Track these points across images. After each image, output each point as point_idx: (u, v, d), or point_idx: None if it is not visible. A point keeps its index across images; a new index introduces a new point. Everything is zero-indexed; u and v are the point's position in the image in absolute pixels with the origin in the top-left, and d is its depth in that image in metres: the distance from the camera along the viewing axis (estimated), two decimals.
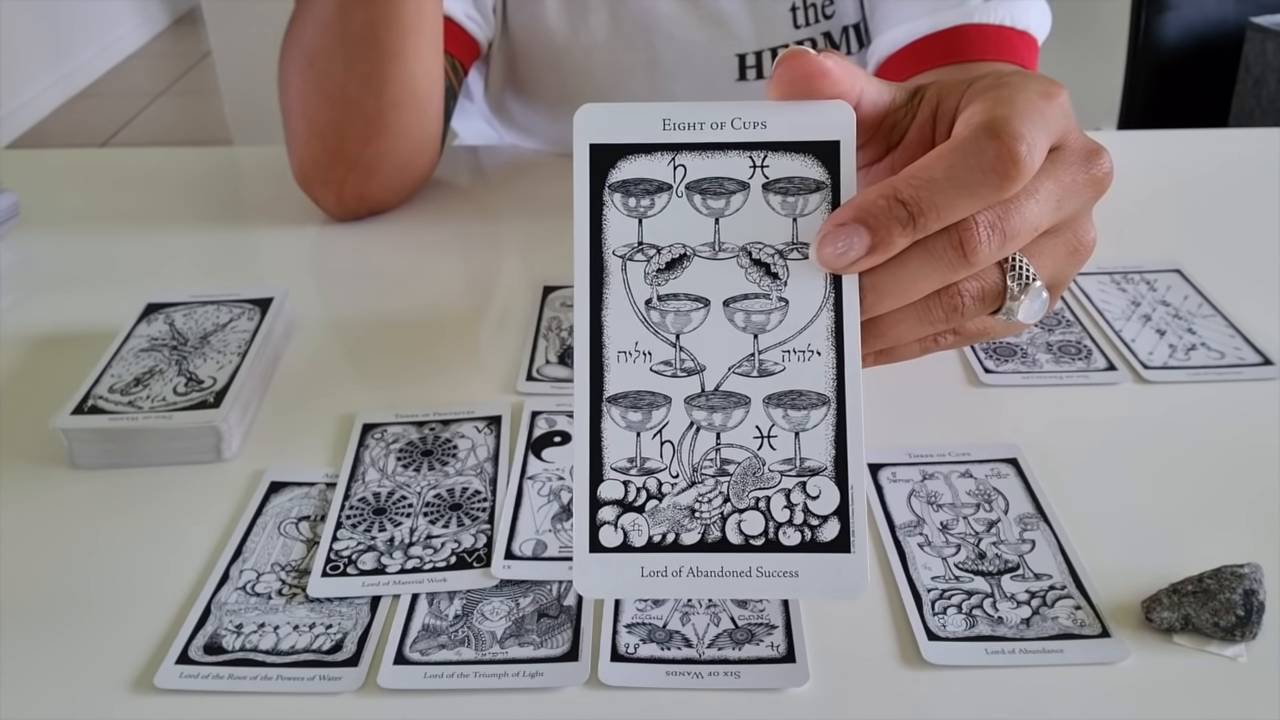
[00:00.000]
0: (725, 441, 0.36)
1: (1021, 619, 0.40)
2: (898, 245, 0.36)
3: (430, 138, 0.73)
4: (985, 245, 0.37)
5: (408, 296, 0.65)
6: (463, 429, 0.52)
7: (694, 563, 0.35)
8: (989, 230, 0.37)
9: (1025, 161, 0.36)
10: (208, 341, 0.56)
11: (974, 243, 0.36)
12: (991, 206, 0.37)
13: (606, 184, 0.37)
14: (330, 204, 0.73)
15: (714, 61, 0.80)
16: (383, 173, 0.72)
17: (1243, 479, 0.47)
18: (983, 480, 0.47)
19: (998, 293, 0.39)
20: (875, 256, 0.36)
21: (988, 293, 0.39)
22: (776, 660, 0.39)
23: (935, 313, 0.39)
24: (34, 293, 0.66)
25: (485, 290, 0.66)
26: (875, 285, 0.37)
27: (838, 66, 0.37)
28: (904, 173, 0.36)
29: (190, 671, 0.39)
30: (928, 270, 0.37)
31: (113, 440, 0.50)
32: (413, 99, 0.70)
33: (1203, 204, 0.74)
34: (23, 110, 3.16)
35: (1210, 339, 0.57)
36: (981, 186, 0.36)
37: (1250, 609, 0.38)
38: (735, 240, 0.37)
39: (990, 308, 0.40)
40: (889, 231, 0.36)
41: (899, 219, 0.36)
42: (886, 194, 0.36)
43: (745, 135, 0.37)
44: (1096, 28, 1.59)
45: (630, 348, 0.36)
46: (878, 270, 0.37)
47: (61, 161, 0.90)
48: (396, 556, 0.44)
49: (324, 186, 0.72)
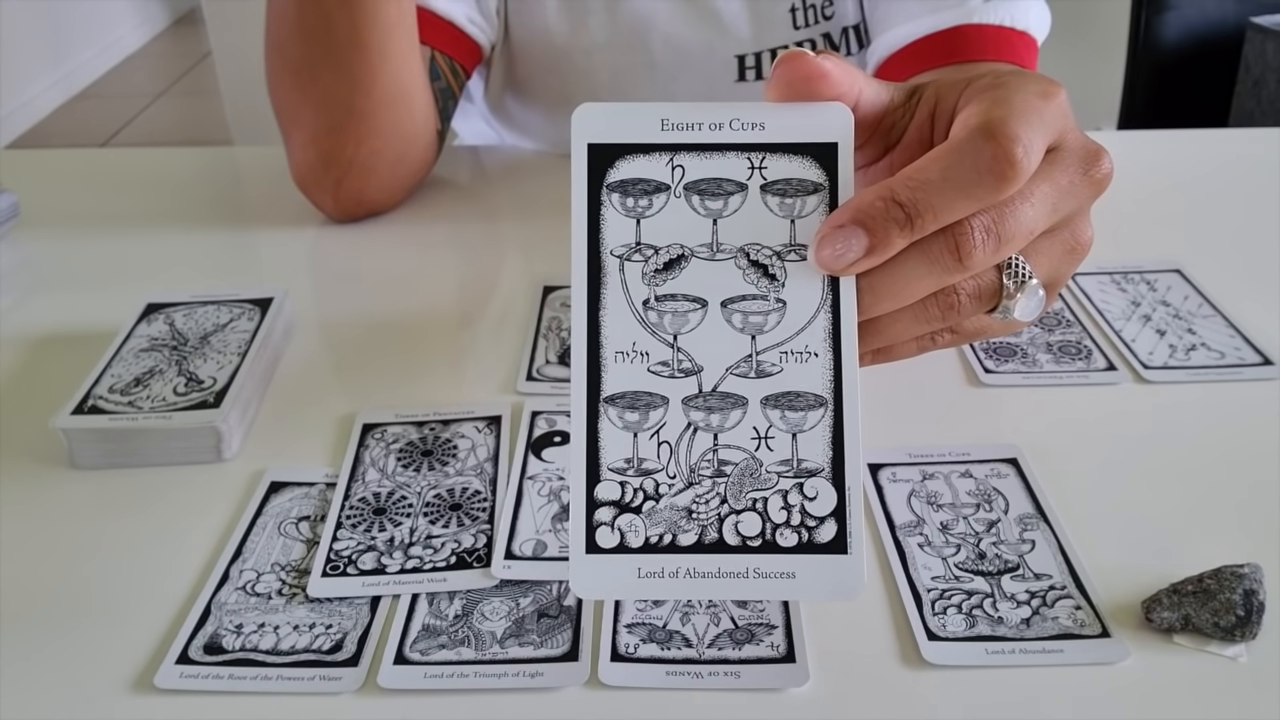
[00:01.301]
0: (723, 442, 0.36)
1: (1021, 619, 0.40)
2: (895, 246, 0.36)
3: (421, 132, 0.74)
4: (980, 249, 0.37)
5: (408, 296, 0.65)
6: (463, 429, 0.52)
7: (691, 564, 0.35)
8: (984, 234, 0.37)
9: (1021, 163, 0.36)
10: (208, 342, 0.56)
11: (969, 247, 0.36)
12: (988, 209, 0.37)
13: (604, 184, 0.37)
14: (328, 206, 0.73)
15: (713, 63, 0.80)
16: (377, 172, 0.72)
17: (1243, 479, 0.47)
18: (983, 480, 0.47)
19: (994, 291, 0.39)
20: (873, 258, 0.36)
21: (984, 291, 0.39)
22: (776, 660, 0.39)
23: (932, 312, 0.39)
24: (34, 293, 0.66)
25: (485, 290, 0.66)
26: (872, 287, 0.37)
27: (836, 68, 0.37)
28: (901, 174, 0.36)
29: (190, 671, 0.39)
30: (924, 272, 0.37)
31: (113, 440, 0.50)
32: (401, 95, 0.70)
33: (1203, 204, 0.74)
34: (23, 110, 3.16)
35: (1210, 339, 0.57)
36: (978, 188, 0.36)
37: (1250, 609, 0.38)
38: (733, 241, 0.37)
39: (987, 306, 0.40)
40: (887, 233, 0.36)
41: (896, 220, 0.36)
42: (884, 195, 0.36)
43: (743, 136, 0.37)
44: (1096, 28, 1.58)
45: (628, 348, 0.36)
46: (875, 272, 0.37)
47: (62, 162, 0.90)
48: (396, 556, 0.44)
49: (320, 190, 0.72)
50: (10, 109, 3.08)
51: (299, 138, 0.71)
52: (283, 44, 0.70)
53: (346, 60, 0.68)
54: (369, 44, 0.67)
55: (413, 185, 0.76)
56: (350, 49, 0.67)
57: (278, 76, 0.71)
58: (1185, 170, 0.77)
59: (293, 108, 0.71)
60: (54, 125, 3.22)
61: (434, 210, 0.75)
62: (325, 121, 0.70)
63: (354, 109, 0.69)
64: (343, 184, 0.71)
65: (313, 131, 0.70)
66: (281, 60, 0.70)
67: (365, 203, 0.73)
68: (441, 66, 0.76)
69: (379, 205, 0.74)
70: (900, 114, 0.42)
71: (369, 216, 0.74)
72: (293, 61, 0.70)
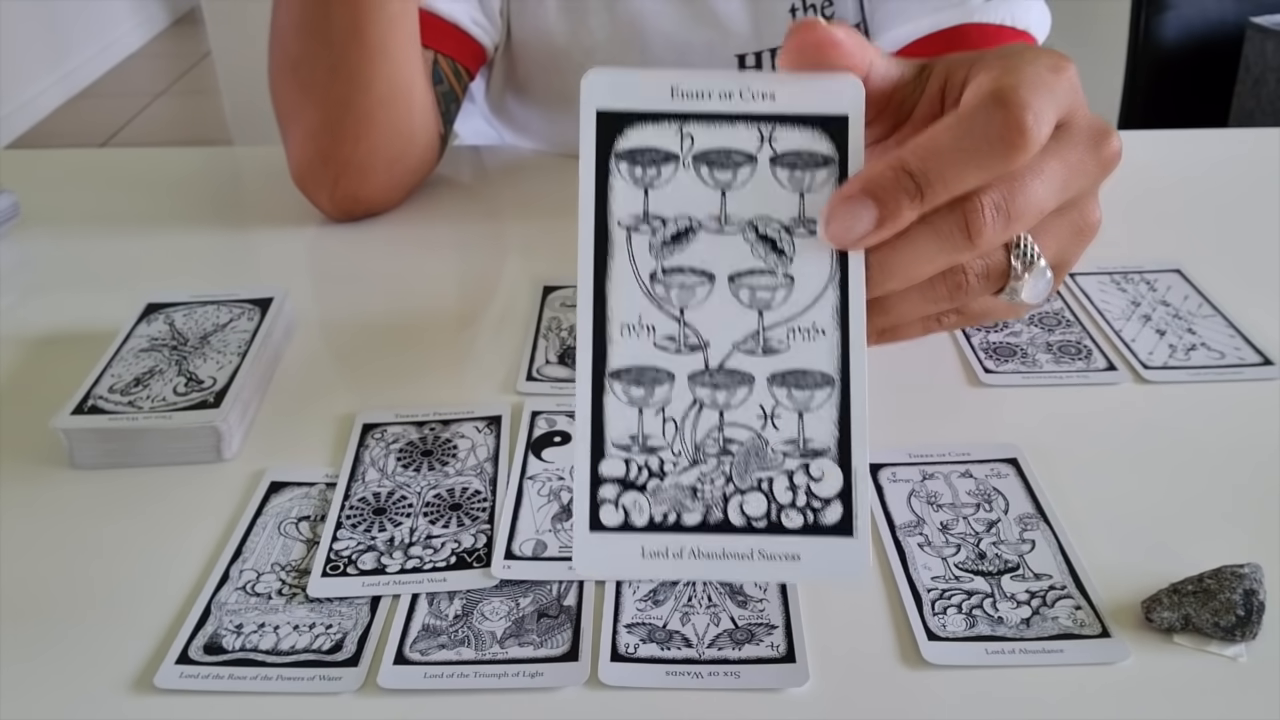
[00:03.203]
0: (729, 420, 0.36)
1: (1021, 619, 0.40)
2: (906, 218, 0.36)
3: (419, 133, 0.74)
4: (990, 227, 0.36)
5: (408, 296, 0.65)
6: (463, 429, 0.52)
7: (695, 544, 0.35)
8: (994, 211, 0.36)
9: (1032, 131, 0.35)
10: (208, 341, 0.56)
11: (980, 224, 0.36)
12: (998, 186, 0.37)
13: (613, 152, 0.36)
14: (325, 204, 0.73)
15: (713, 62, 0.80)
16: (375, 170, 0.72)
17: (1243, 479, 0.47)
18: (983, 480, 0.47)
19: (1002, 272, 0.39)
20: (884, 230, 0.35)
21: (992, 271, 0.39)
22: (776, 660, 0.39)
23: (939, 291, 0.39)
24: (34, 293, 0.66)
25: (485, 290, 0.66)
26: (882, 263, 0.37)
27: (848, 38, 0.37)
28: (911, 143, 0.36)
29: (190, 671, 0.39)
30: (934, 249, 0.37)
31: (113, 440, 0.50)
32: (400, 94, 0.70)
33: (1202, 204, 0.74)
34: (23, 110, 3.16)
35: (1210, 339, 0.57)
36: (989, 157, 0.36)
37: (1250, 609, 0.38)
38: (742, 214, 0.36)
39: (994, 287, 0.40)
40: (897, 204, 0.35)
41: (906, 190, 0.35)
42: (894, 165, 0.35)
43: (754, 106, 0.36)
44: (1096, 28, 1.58)
45: (634, 321, 0.36)
46: (884, 249, 0.36)
47: (62, 161, 0.90)
48: (396, 556, 0.44)
49: (317, 186, 0.72)
50: (10, 109, 3.09)
51: (297, 134, 0.71)
52: (284, 39, 0.70)
53: (345, 56, 0.67)
54: (369, 40, 0.67)
55: (411, 186, 0.76)
56: (349, 44, 0.67)
57: (278, 72, 0.71)
58: (1185, 170, 0.77)
59: (292, 104, 0.71)
60: (54, 125, 3.22)
61: (434, 210, 0.75)
62: (323, 118, 0.70)
63: (352, 106, 0.69)
64: (340, 182, 0.71)
65: (310, 128, 0.70)
66: (282, 55, 0.70)
67: (362, 201, 0.73)
68: (444, 70, 0.76)
69: (376, 204, 0.74)
70: (911, 89, 0.41)
71: (366, 216, 0.74)
72: (292, 57, 0.70)
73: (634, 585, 0.42)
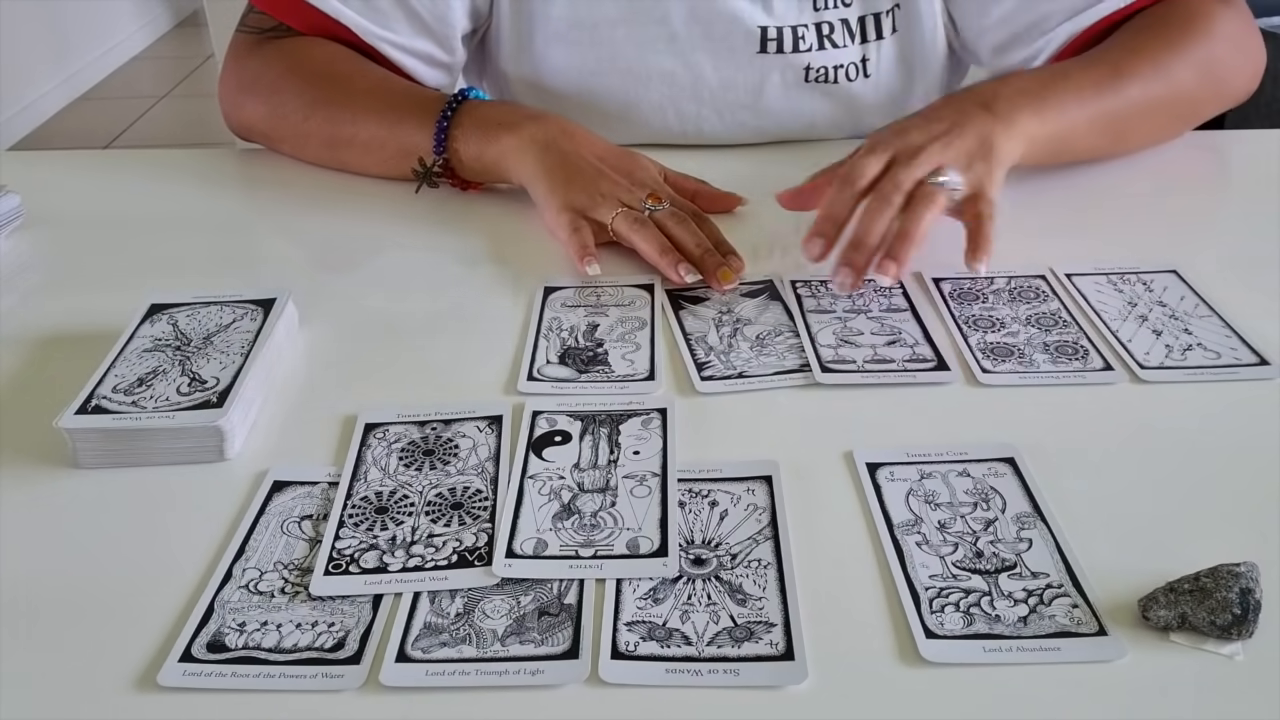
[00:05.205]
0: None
1: (1019, 617, 0.41)
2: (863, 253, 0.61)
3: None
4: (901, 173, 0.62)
5: (409, 297, 0.65)
6: (464, 428, 0.52)
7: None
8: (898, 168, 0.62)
9: (858, 167, 0.63)
10: (211, 342, 0.56)
11: (891, 187, 0.62)
12: (886, 149, 0.63)
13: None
14: (231, 123, 0.84)
15: (735, 33, 0.80)
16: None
17: (1239, 478, 0.47)
18: (980, 479, 0.48)
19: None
20: (859, 270, 0.61)
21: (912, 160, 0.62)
22: (775, 658, 0.39)
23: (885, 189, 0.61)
24: (38, 293, 0.67)
25: (485, 290, 0.66)
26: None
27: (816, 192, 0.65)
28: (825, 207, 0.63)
29: (193, 669, 0.39)
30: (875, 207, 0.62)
31: (116, 440, 0.50)
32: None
33: (1200, 204, 0.74)
34: (26, 113, 3.16)
35: (1206, 339, 0.57)
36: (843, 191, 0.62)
37: (1246, 608, 0.39)
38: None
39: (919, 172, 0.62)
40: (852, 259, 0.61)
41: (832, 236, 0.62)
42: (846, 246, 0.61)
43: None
44: None
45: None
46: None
47: (65, 163, 0.90)
48: (398, 555, 0.44)
49: (234, 116, 0.83)
50: (14, 111, 3.09)
51: (259, 110, 0.80)
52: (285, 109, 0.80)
53: (333, 136, 0.78)
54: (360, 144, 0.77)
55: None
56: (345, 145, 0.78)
57: (253, 111, 0.82)
58: (1184, 170, 0.77)
59: (260, 126, 0.82)
60: (57, 127, 3.22)
61: (434, 210, 0.75)
62: (279, 133, 0.80)
63: (319, 159, 0.80)
64: (251, 138, 0.83)
65: (268, 129, 0.81)
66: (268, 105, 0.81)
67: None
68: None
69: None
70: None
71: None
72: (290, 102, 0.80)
73: (634, 584, 0.43)
